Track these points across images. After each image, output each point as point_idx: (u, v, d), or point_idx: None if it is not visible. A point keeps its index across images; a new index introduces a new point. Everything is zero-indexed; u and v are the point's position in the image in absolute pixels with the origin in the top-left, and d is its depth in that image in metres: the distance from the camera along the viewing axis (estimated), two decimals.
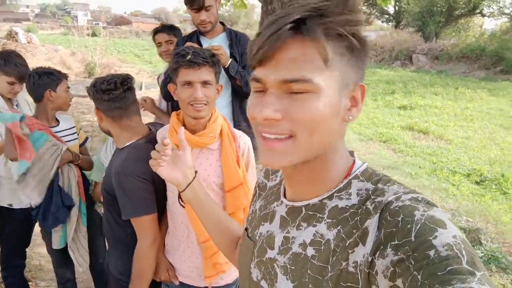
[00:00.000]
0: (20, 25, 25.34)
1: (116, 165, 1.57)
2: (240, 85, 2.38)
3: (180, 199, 1.55)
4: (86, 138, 2.49)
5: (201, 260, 1.59)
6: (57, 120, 2.30)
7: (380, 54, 19.19)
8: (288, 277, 0.69)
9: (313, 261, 0.66)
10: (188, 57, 1.43)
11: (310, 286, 0.65)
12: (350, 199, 0.66)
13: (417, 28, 23.43)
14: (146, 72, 15.17)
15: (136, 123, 1.64)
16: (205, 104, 1.47)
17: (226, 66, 2.28)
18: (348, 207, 0.65)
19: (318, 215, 0.68)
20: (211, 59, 1.47)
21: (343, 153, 0.71)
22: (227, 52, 2.38)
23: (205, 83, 1.47)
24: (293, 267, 0.69)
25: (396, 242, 0.55)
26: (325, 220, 0.67)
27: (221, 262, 1.56)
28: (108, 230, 1.72)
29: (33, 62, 13.00)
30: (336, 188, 0.68)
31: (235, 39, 2.46)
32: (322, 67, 0.59)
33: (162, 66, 3.95)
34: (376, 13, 28.75)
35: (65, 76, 2.23)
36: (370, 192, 0.64)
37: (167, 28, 2.70)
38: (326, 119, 0.61)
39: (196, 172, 1.09)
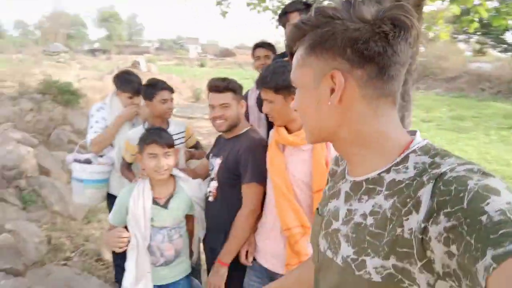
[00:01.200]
0: (142, 56, 28.90)
1: (244, 142, 1.94)
2: None
3: None
4: (197, 142, 2.80)
5: (284, 249, 1.71)
6: (168, 125, 2.58)
7: (496, 86, 17.47)
8: (349, 244, 0.75)
9: (371, 228, 0.71)
10: None
11: (369, 250, 0.70)
12: (407, 172, 0.69)
13: None
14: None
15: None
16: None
17: None
18: (404, 180, 0.69)
19: (378, 188, 0.73)
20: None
21: (395, 129, 0.75)
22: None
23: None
24: (354, 235, 0.74)
25: (449, 209, 0.57)
26: (383, 192, 0.72)
27: (303, 252, 1.64)
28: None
29: None
30: (393, 162, 0.72)
31: None
32: (298, 68, 0.78)
33: None
34: (492, 42, 26.46)
35: (163, 89, 2.47)
36: (427, 165, 0.67)
37: (267, 44, 2.95)
38: (307, 106, 0.78)
39: None
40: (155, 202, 1.91)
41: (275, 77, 1.66)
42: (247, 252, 1.89)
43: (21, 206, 3.70)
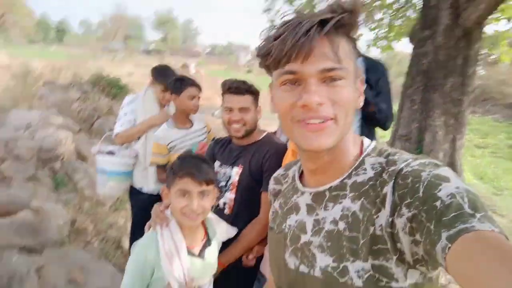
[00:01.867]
0: (193, 60, 29.69)
1: (270, 147, 1.84)
2: (373, 111, 2.25)
3: None
4: (213, 138, 2.67)
5: None
6: (191, 122, 2.53)
7: None
8: (326, 253, 0.74)
9: (346, 233, 0.72)
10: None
11: (348, 255, 0.70)
12: (366, 173, 0.74)
13: None
14: None
15: None
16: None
17: None
18: (366, 181, 0.73)
19: (341, 193, 0.76)
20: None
21: (353, 136, 0.80)
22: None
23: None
24: (329, 243, 0.74)
25: (408, 200, 0.62)
26: (348, 195, 0.74)
27: None
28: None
29: None
30: (353, 167, 0.77)
31: (371, 66, 2.37)
32: (346, 57, 0.71)
33: None
34: None
35: (192, 85, 2.44)
36: (383, 164, 0.72)
37: None
38: (354, 100, 0.74)
39: None
40: (190, 253, 1.44)
41: None
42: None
43: (52, 187, 3.78)
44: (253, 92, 1.84)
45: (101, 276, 2.64)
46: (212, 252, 1.52)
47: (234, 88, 1.80)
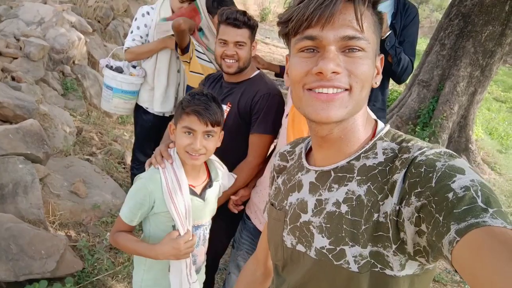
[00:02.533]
0: None
1: (261, 87, 1.77)
2: (390, 62, 2.12)
3: None
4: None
5: None
6: None
7: None
8: (323, 234, 0.74)
9: (347, 216, 0.71)
10: None
11: (347, 239, 0.70)
12: (377, 157, 0.72)
13: None
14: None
15: None
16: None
17: (383, 38, 2.03)
18: (375, 165, 0.71)
19: (348, 175, 0.74)
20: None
21: (367, 116, 0.77)
22: (388, 21, 2.12)
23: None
24: (328, 225, 0.73)
25: (419, 189, 0.60)
26: (355, 178, 0.72)
27: None
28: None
29: None
30: (363, 149, 0.74)
31: (402, 9, 2.17)
32: (369, 30, 0.69)
33: None
34: None
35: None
36: (396, 151, 0.70)
37: None
38: (371, 76, 0.71)
39: None
40: (192, 192, 1.46)
41: None
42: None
43: (61, 92, 3.81)
44: (251, 26, 1.73)
45: (103, 189, 2.79)
46: (213, 194, 1.55)
47: (233, 19, 1.68)
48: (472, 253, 0.49)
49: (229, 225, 1.92)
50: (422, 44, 13.36)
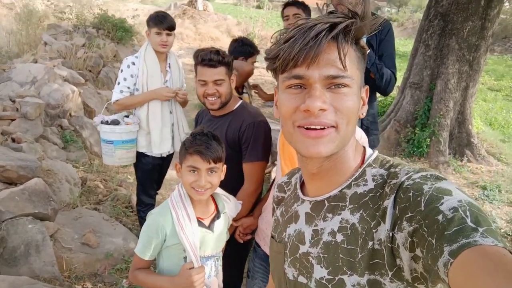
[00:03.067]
0: None
1: (245, 117, 1.82)
2: (373, 78, 2.17)
3: None
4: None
5: None
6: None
7: None
8: (322, 265, 0.75)
9: (343, 245, 0.71)
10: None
11: (345, 269, 0.70)
12: (367, 184, 0.73)
13: None
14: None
15: None
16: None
17: None
18: (366, 192, 0.72)
19: (341, 204, 0.75)
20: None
21: (355, 145, 0.79)
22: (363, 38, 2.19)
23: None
24: (326, 255, 0.74)
25: (409, 214, 0.61)
26: (347, 207, 0.74)
27: None
28: None
29: (204, 28, 14.47)
30: (353, 177, 0.76)
31: None
32: (352, 67, 0.71)
33: None
34: None
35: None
36: (385, 177, 0.72)
37: (297, 3, 2.68)
38: (356, 110, 0.73)
39: None
40: (200, 223, 1.53)
41: None
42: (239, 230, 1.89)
43: (62, 145, 3.87)
44: (227, 63, 1.80)
45: (113, 236, 2.80)
46: (221, 225, 1.61)
47: (208, 60, 1.76)
48: (466, 274, 0.50)
49: (241, 250, 1.94)
50: (408, 46, 13.48)
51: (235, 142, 1.83)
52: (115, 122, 2.61)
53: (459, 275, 0.51)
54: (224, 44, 12.87)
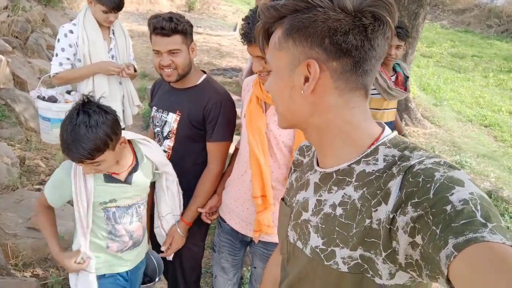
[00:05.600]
0: None
1: (211, 95, 1.74)
2: None
3: None
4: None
5: (253, 214, 1.65)
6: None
7: (505, 23, 16.67)
8: (318, 234, 0.77)
9: (341, 219, 0.73)
10: None
11: (337, 241, 0.72)
12: (377, 164, 0.72)
13: None
14: (243, 12, 15.01)
15: None
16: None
17: None
18: (374, 171, 0.71)
19: (347, 179, 0.75)
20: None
21: (360, 124, 0.75)
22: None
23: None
24: (324, 226, 0.76)
25: (416, 200, 0.60)
26: (352, 183, 0.74)
27: (263, 223, 1.59)
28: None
29: None
30: (363, 154, 0.74)
31: None
32: (274, 50, 0.75)
33: None
34: None
35: None
36: (396, 158, 0.70)
37: None
38: (279, 91, 0.76)
39: None
40: (113, 179, 1.53)
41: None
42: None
43: None
44: (182, 31, 1.67)
45: (63, 218, 2.63)
46: (141, 176, 1.61)
47: (160, 29, 1.63)
48: (470, 269, 0.50)
49: (201, 226, 1.92)
50: None
51: (198, 121, 1.75)
52: (53, 99, 2.40)
53: (463, 269, 0.50)
54: (163, 8, 12.21)
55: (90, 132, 1.31)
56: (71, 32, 2.38)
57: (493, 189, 4.30)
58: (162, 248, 1.84)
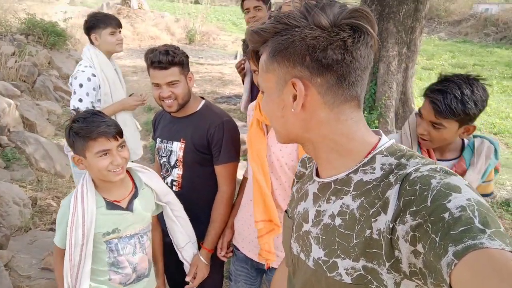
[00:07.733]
0: None
1: (212, 119, 1.75)
2: None
3: None
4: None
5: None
6: None
7: (502, 31, 16.78)
8: (320, 245, 0.76)
9: (340, 229, 0.73)
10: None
11: (339, 252, 0.72)
12: (374, 173, 0.71)
13: None
14: (242, 41, 15.30)
15: None
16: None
17: None
18: (371, 180, 0.71)
19: (345, 188, 0.75)
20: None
21: (355, 135, 0.75)
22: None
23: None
24: (324, 237, 0.76)
25: (414, 208, 0.60)
26: (350, 192, 0.73)
27: (264, 249, 1.56)
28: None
29: (142, 27, 13.96)
30: (361, 163, 0.74)
31: None
32: (263, 73, 0.78)
33: None
34: None
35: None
36: (393, 166, 0.70)
37: None
38: (272, 111, 0.78)
39: None
40: (115, 207, 1.52)
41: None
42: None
43: (3, 164, 3.55)
44: (179, 62, 1.70)
45: None
46: (142, 203, 1.58)
47: (157, 63, 1.67)
48: (471, 277, 0.49)
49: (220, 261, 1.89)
50: None
51: (203, 146, 1.76)
52: None
53: (463, 277, 0.50)
54: (164, 42, 12.52)
55: (109, 118, 1.48)
56: (94, 75, 2.41)
57: (510, 197, 4.21)
58: (187, 279, 1.81)
